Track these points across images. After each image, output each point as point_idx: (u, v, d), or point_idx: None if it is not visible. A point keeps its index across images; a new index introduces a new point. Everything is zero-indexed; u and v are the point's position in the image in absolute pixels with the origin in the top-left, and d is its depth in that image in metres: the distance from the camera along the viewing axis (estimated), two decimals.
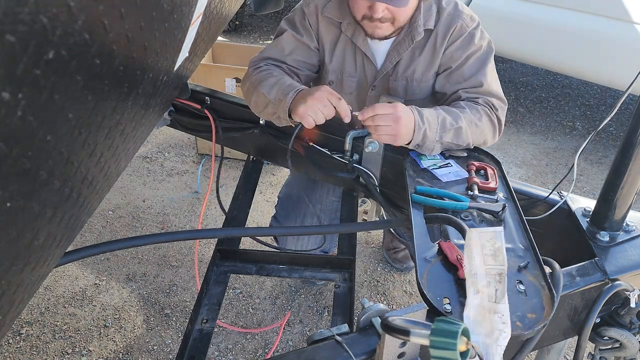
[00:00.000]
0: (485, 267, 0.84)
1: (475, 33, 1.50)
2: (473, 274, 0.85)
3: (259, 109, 1.53)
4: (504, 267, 0.84)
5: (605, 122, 1.21)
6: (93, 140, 0.65)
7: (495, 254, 0.84)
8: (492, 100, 1.49)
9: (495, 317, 0.82)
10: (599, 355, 1.17)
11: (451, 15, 1.49)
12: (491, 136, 1.49)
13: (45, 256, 0.67)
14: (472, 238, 0.86)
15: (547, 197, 1.35)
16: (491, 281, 0.84)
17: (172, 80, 1.08)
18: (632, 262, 1.16)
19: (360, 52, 1.57)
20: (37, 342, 1.98)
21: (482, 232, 0.86)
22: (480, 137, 1.45)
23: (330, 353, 0.87)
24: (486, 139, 1.48)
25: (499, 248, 0.84)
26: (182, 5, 0.79)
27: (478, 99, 1.49)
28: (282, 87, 1.43)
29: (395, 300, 2.27)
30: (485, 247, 0.84)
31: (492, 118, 1.47)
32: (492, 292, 0.83)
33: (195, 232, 1.43)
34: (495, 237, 0.84)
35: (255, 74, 1.53)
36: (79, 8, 0.45)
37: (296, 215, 1.86)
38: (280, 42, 1.59)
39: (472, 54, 1.50)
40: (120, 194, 2.85)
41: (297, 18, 1.59)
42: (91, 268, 2.33)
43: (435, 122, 1.36)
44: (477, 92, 1.49)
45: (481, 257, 0.84)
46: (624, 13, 3.01)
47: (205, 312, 1.33)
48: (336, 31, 1.57)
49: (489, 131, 1.47)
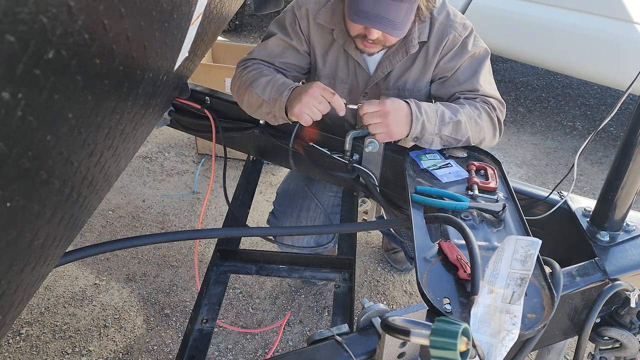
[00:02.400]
0: (510, 270, 0.87)
1: (468, 41, 1.49)
2: (494, 274, 0.86)
3: (253, 109, 1.52)
4: (529, 274, 0.86)
5: (605, 122, 1.21)
6: (93, 140, 0.65)
7: (525, 260, 0.87)
8: (490, 101, 1.49)
9: (507, 317, 0.83)
10: (599, 355, 1.17)
11: (443, 26, 1.48)
12: (491, 135, 1.49)
13: (45, 256, 0.67)
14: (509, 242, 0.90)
15: (547, 197, 1.35)
16: (511, 283, 0.86)
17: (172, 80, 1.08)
18: (632, 262, 1.16)
19: (352, 59, 1.57)
20: (37, 342, 1.98)
21: (520, 239, 0.89)
22: (479, 134, 1.45)
23: (330, 353, 0.87)
24: (485, 136, 1.47)
25: (531, 255, 0.87)
26: (182, 5, 0.79)
27: (476, 99, 1.49)
28: (276, 86, 1.43)
29: (395, 300, 2.27)
30: (518, 252, 0.88)
31: (492, 116, 1.47)
32: (509, 293, 0.85)
33: (195, 232, 1.43)
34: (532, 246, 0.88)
35: (245, 74, 1.52)
36: (79, 8, 0.45)
37: (292, 209, 1.85)
38: (268, 45, 1.59)
39: (466, 60, 1.50)
40: (120, 194, 2.85)
41: (288, 21, 1.58)
42: (91, 268, 2.33)
43: (434, 114, 1.37)
44: (474, 95, 1.50)
45: (509, 260, 0.87)
46: (624, 13, 3.01)
47: (205, 312, 1.33)
48: (328, 37, 1.56)
49: (489, 129, 1.47)
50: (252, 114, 1.57)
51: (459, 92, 1.51)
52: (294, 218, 1.84)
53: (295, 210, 1.85)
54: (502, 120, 1.51)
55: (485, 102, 1.48)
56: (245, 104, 1.53)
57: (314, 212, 1.84)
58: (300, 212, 1.84)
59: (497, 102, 1.50)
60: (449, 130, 1.38)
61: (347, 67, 1.60)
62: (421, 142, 1.39)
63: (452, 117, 1.38)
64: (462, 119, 1.39)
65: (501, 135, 1.53)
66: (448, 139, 1.40)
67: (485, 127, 1.45)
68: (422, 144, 1.40)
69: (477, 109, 1.44)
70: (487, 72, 1.53)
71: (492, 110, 1.48)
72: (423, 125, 1.35)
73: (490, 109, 1.48)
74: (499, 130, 1.51)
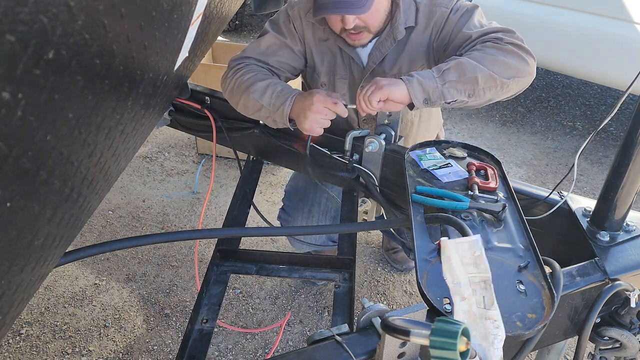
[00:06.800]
0: (468, 275, 0.82)
1: (454, 7, 1.48)
2: (456, 283, 0.83)
3: (249, 112, 1.53)
4: (488, 275, 0.81)
5: (605, 122, 1.21)
6: (93, 140, 0.65)
7: (476, 262, 0.82)
8: (489, 36, 1.38)
9: (488, 322, 0.81)
10: (599, 355, 1.17)
11: (429, 7, 1.49)
12: (517, 62, 1.32)
13: (45, 256, 0.67)
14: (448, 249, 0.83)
15: (547, 197, 1.35)
16: (476, 289, 0.82)
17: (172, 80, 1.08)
18: (632, 262, 1.16)
19: (346, 54, 1.58)
20: (37, 342, 1.98)
21: (458, 243, 0.83)
22: (497, 66, 1.30)
23: (330, 353, 0.87)
24: (510, 64, 1.31)
25: (479, 256, 0.81)
26: (182, 5, 0.79)
27: (475, 45, 1.39)
28: (275, 93, 1.44)
29: (395, 300, 2.27)
30: (465, 257, 0.82)
31: (501, 45, 1.34)
32: (480, 299, 0.82)
33: (195, 232, 1.43)
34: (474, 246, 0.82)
35: (240, 76, 1.51)
36: (79, 8, 0.45)
37: (304, 204, 1.87)
38: (262, 43, 1.59)
39: (456, 19, 1.46)
40: (120, 194, 2.85)
41: (282, 20, 1.59)
42: (91, 268, 2.33)
43: (428, 72, 1.32)
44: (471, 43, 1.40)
45: (461, 266, 0.83)
46: (624, 13, 3.01)
47: (205, 312, 1.33)
48: (322, 35, 1.58)
49: (508, 57, 1.32)
50: (247, 116, 1.57)
51: (458, 53, 1.43)
52: (306, 213, 1.85)
53: (307, 205, 1.86)
54: (522, 43, 1.36)
55: (484, 40, 1.37)
56: (241, 106, 1.53)
57: (325, 206, 1.85)
58: (312, 207, 1.86)
59: (500, 33, 1.38)
60: (454, 75, 1.29)
61: (343, 63, 1.61)
62: (435, 102, 1.30)
63: (449, 62, 1.32)
64: (461, 59, 1.31)
65: (534, 59, 1.37)
66: (459, 84, 1.29)
67: (500, 56, 1.32)
68: (436, 101, 1.30)
69: (477, 50, 1.35)
70: (479, 18, 1.46)
71: (498, 41, 1.35)
72: (420, 83, 1.29)
73: (494, 40, 1.36)
74: (525, 54, 1.35)
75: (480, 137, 3.60)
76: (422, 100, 1.31)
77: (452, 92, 1.30)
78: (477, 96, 1.33)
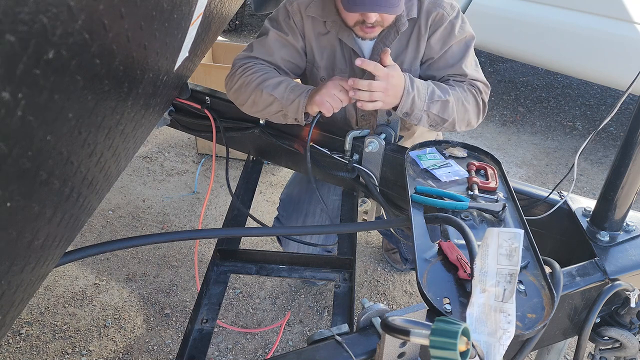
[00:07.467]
0: (498, 266, 0.85)
1: (456, 23, 1.52)
2: (483, 272, 0.85)
3: (258, 108, 1.52)
4: (517, 269, 0.84)
5: (605, 122, 1.21)
6: (93, 140, 0.65)
7: (510, 254, 0.85)
8: (477, 84, 1.55)
9: (501, 316, 0.82)
10: (599, 355, 1.17)
11: (432, 3, 1.52)
12: (475, 117, 1.55)
13: (45, 256, 0.67)
14: (491, 236, 0.86)
15: (547, 197, 1.35)
16: (501, 281, 0.84)
17: (172, 80, 1.08)
18: (632, 262, 1.16)
19: (347, 47, 1.58)
20: (37, 342, 1.98)
21: (502, 232, 0.86)
22: (465, 116, 1.50)
23: (330, 353, 0.87)
24: (470, 119, 1.53)
25: (515, 249, 0.85)
26: (182, 5, 0.79)
27: (464, 82, 1.54)
28: (290, 86, 1.46)
29: (395, 300, 2.27)
30: (502, 246, 0.85)
31: (478, 99, 1.53)
32: (501, 291, 0.84)
33: (195, 232, 1.43)
34: (514, 238, 0.85)
35: (250, 74, 1.51)
36: (79, 8, 0.45)
37: (298, 215, 1.86)
38: (266, 42, 1.59)
39: (454, 44, 1.54)
40: (120, 194, 2.85)
41: (281, 17, 1.59)
42: (91, 268, 2.33)
43: (424, 91, 1.42)
44: (462, 79, 1.55)
45: (495, 256, 0.85)
46: (624, 13, 3.01)
47: (205, 312, 1.33)
48: (322, 29, 1.57)
49: (474, 112, 1.53)
50: (253, 113, 1.56)
51: (447, 75, 1.56)
52: (300, 223, 1.85)
53: (301, 215, 1.86)
54: (487, 102, 1.57)
55: (472, 85, 1.54)
56: (250, 103, 1.52)
57: (320, 217, 1.85)
58: (306, 217, 1.85)
59: (483, 85, 1.56)
60: (437, 109, 1.43)
61: (343, 57, 1.60)
62: (410, 118, 1.44)
63: (442, 96, 1.43)
64: (450, 99, 1.44)
65: (484, 116, 1.60)
66: (435, 117, 1.45)
67: (471, 110, 1.51)
68: (411, 119, 1.44)
69: (465, 92, 1.50)
70: (473, 56, 1.58)
71: (479, 94, 1.53)
72: (413, 101, 1.39)
73: (477, 92, 1.53)
74: (482, 112, 1.57)
75: (480, 137, 3.60)
76: (403, 112, 1.42)
77: (425, 118, 1.45)
78: (434, 127, 1.50)
